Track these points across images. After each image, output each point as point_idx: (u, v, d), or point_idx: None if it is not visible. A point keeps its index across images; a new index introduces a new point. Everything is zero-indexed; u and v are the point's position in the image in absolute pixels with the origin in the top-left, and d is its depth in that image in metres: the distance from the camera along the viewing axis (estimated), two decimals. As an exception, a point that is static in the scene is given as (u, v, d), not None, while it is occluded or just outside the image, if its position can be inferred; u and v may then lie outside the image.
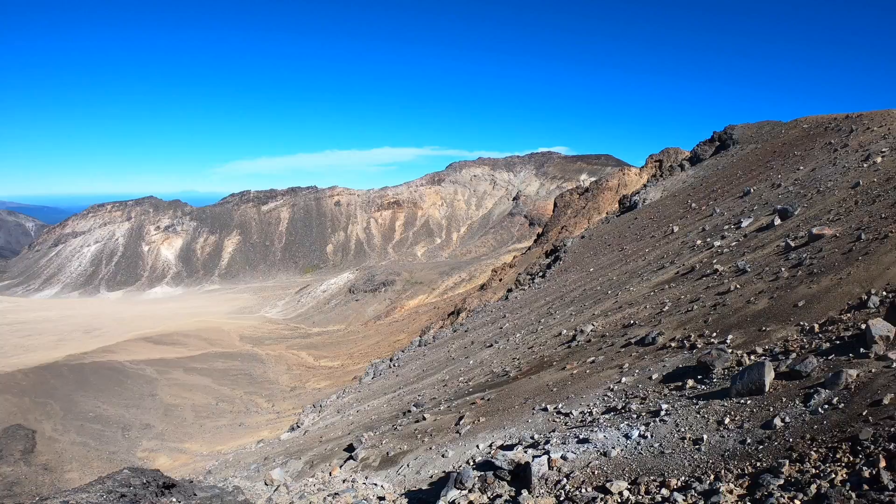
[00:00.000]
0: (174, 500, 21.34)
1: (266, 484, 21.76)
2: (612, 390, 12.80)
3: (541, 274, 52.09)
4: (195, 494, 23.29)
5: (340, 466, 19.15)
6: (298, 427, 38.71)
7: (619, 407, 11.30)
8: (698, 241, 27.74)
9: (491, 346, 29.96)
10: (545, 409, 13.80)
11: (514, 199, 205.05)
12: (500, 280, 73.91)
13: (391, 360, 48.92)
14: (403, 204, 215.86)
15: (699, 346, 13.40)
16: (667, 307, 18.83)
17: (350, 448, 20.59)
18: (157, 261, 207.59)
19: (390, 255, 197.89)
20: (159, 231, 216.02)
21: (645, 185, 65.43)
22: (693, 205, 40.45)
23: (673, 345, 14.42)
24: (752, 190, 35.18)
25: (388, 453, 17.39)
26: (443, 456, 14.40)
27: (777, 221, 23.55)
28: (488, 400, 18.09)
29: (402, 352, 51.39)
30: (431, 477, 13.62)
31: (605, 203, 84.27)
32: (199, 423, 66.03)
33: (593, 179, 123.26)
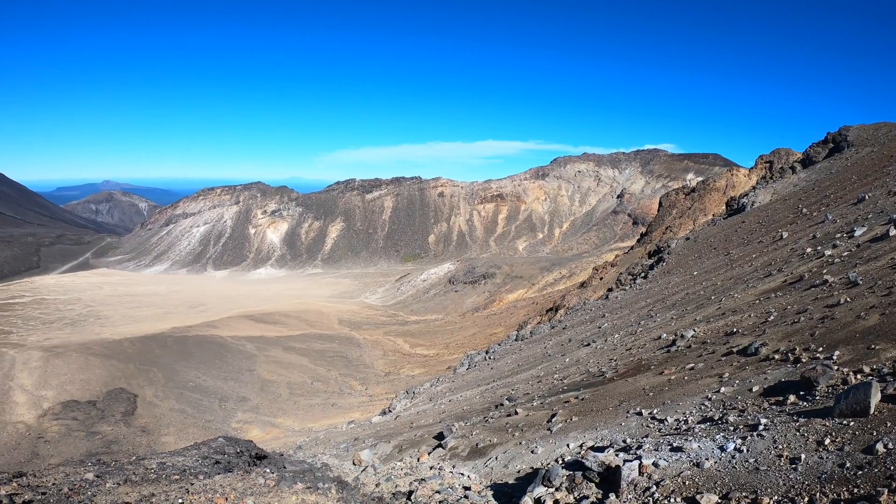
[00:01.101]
0: (267, 470, 21.80)
1: (354, 464, 22.05)
2: (709, 399, 12.47)
3: (643, 274, 51.19)
4: (285, 467, 23.76)
5: (429, 453, 19.26)
6: (390, 411, 39.12)
7: (716, 417, 11.00)
8: (808, 249, 26.70)
9: (588, 345, 29.60)
10: (639, 414, 13.56)
11: (619, 196, 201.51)
12: (601, 279, 73.00)
13: (487, 352, 48.90)
14: (507, 197, 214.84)
15: (803, 360, 12.91)
16: (772, 317, 18.22)
17: (440, 436, 20.65)
18: (262, 243, 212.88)
19: (491, 248, 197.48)
20: (266, 215, 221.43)
21: (754, 188, 63.37)
22: (804, 210, 38.96)
23: (776, 357, 13.94)
24: (866, 196, 33.57)
25: (477, 444, 17.39)
26: (532, 452, 14.33)
27: (893, 232, 22.42)
28: (582, 399, 17.89)
29: (499, 345, 51.30)
30: (518, 472, 13.56)
31: (711, 204, 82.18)
32: (293, 400, 67.58)
33: (700, 179, 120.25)
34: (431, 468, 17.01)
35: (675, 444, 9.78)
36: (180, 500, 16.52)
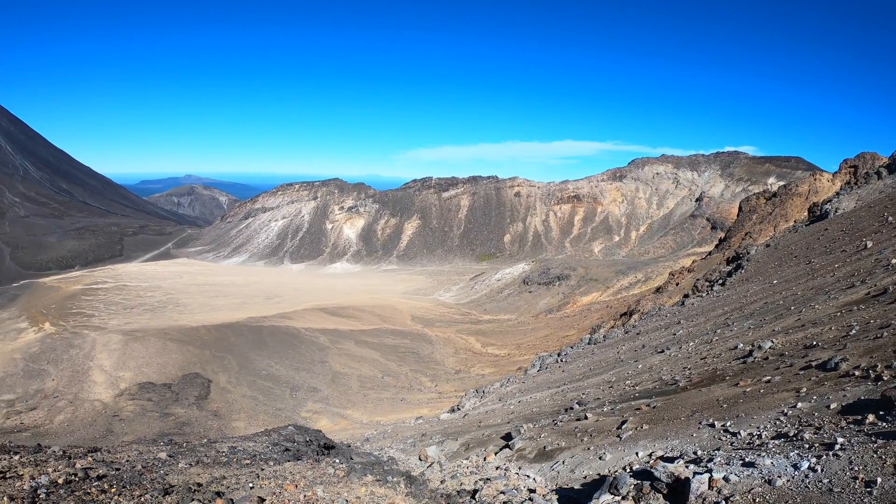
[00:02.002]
0: (336, 461, 22.06)
1: (420, 459, 22.18)
2: (785, 414, 12.15)
3: (720, 281, 50.17)
4: (352, 458, 24.01)
5: (496, 453, 19.24)
6: (459, 409, 39.17)
7: (791, 434, 10.71)
8: (893, 261, 25.79)
9: (662, 352, 29.17)
10: (712, 425, 13.29)
11: (697, 199, 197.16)
12: (677, 284, 71.84)
13: (559, 354, 48.61)
14: (583, 198, 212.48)
15: (885, 378, 12.46)
16: (854, 331, 17.66)
17: (507, 437, 20.62)
18: (339, 238, 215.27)
19: (567, 250, 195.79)
20: (343, 211, 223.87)
21: (837, 193, 61.33)
22: (890, 218, 37.54)
23: (856, 373, 13.50)
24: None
25: (544, 447, 17.30)
26: (600, 458, 14.19)
27: None
28: (654, 407, 17.63)
29: (571, 348, 50.97)
30: (585, 477, 13.44)
31: (793, 210, 79.98)
32: (363, 393, 68.26)
33: (781, 183, 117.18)
34: (497, 468, 16.99)
35: (747, 460, 9.56)
36: (251, 485, 16.85)
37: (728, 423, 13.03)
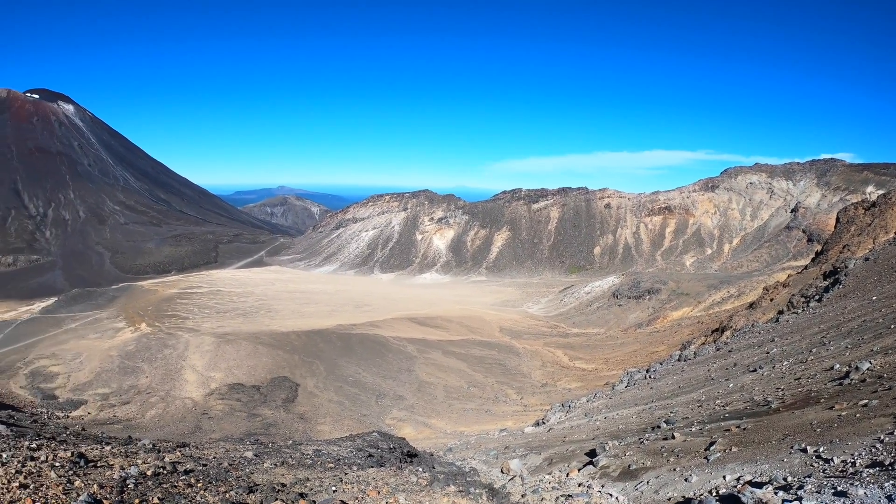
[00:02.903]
0: (420, 469, 22.07)
1: (502, 472, 22.04)
2: (881, 441, 11.60)
3: (816, 297, 48.50)
4: (433, 467, 24.01)
5: (579, 470, 18.98)
6: (543, 423, 38.84)
7: (887, 462, 10.21)
8: None
9: (754, 370, 28.35)
10: (804, 450, 12.80)
11: (792, 210, 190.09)
12: (771, 300, 69.74)
13: (647, 370, 47.77)
14: (674, 210, 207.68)
15: None
16: (960, 355, 16.83)
17: (591, 453, 20.32)
18: (428, 249, 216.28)
19: (658, 263, 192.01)
20: (433, 222, 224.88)
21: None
22: None
23: (962, 400, 12.84)
24: None
25: (629, 466, 16.98)
26: (686, 480, 13.83)
27: None
28: (744, 429, 17.11)
29: (660, 364, 50.02)
30: (669, 499, 13.12)
31: (893, 221, 76.51)
32: (448, 403, 68.32)
33: (881, 192, 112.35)
34: (580, 485, 16.75)
35: (839, 488, 9.15)
36: (334, 488, 17.01)
37: (821, 449, 12.53)
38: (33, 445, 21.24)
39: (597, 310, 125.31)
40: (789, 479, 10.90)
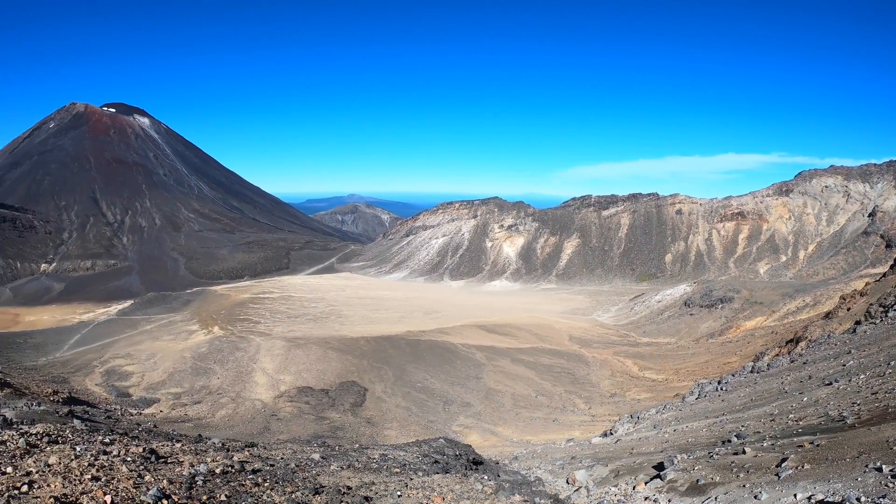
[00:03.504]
0: (485, 477, 22.03)
1: (568, 482, 21.90)
2: (962, 462, 11.17)
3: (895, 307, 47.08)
4: (499, 476, 23.97)
5: (646, 483, 18.72)
6: (611, 434, 38.45)
7: (969, 484, 9.82)
8: None
9: (829, 384, 27.57)
10: (879, 469, 12.38)
11: (870, 215, 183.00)
12: (848, 309, 67.79)
13: (719, 382, 46.90)
14: (747, 215, 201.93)
15: None
16: None
17: (659, 466, 20.03)
18: (498, 256, 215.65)
19: (730, 270, 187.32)
20: (502, 229, 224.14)
21: None
22: None
23: None
24: None
25: (697, 480, 16.67)
26: (755, 497, 13.51)
27: None
28: (817, 446, 16.65)
29: (732, 376, 49.06)
30: (738, 517, 12.84)
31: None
32: (515, 411, 68.07)
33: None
34: (646, 499, 16.54)
35: (916, 510, 8.82)
36: (398, 493, 17.09)
37: (898, 469, 12.11)
38: (106, 440, 21.84)
39: (668, 319, 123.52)
40: (863, 499, 10.56)
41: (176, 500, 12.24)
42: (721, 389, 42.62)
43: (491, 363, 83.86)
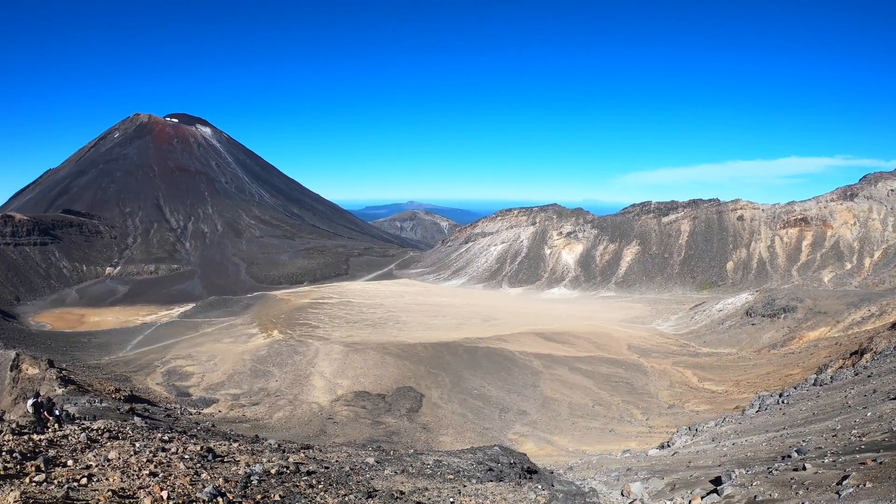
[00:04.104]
0: (539, 486, 21.92)
1: (622, 494, 21.71)
2: None
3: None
4: (553, 486, 23.84)
5: (702, 498, 18.47)
6: (668, 446, 37.99)
7: None
8: None
9: (895, 398, 26.90)
10: (944, 489, 12.03)
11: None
12: (917, 321, 65.99)
13: (780, 395, 46.05)
14: (811, 221, 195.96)
15: None
16: None
17: (717, 481, 19.73)
18: (557, 264, 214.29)
19: (794, 279, 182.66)
20: (561, 236, 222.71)
21: None
22: None
23: None
24: None
25: (755, 497, 16.37)
26: (814, 515, 13.22)
27: None
28: (880, 463, 16.20)
29: (794, 388, 48.14)
30: (796, 536, 12.56)
31: None
32: (571, 421, 67.65)
33: None
34: (702, 514, 16.27)
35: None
36: (451, 500, 17.16)
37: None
38: (165, 437, 22.37)
39: (728, 328, 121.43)
40: (926, 520, 10.26)
41: (231, 498, 12.48)
42: (782, 402, 41.83)
43: (548, 371, 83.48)
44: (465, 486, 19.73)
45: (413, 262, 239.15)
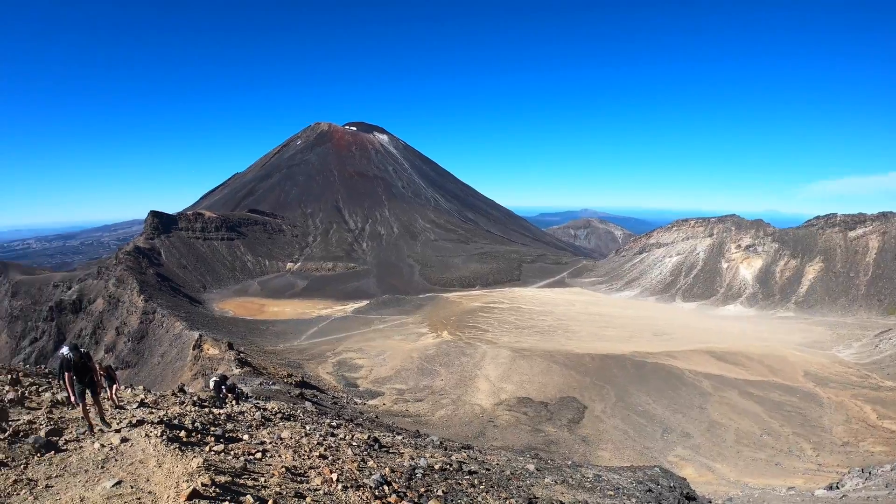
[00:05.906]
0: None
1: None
2: None
3: None
4: (711, 515, 23.84)
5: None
6: (837, 488, 36.58)
7: None
8: None
9: None
10: None
11: None
12: None
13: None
14: None
15: None
16: None
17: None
18: (734, 279, 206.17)
19: None
20: (739, 250, 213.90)
21: None
22: None
23: None
24: None
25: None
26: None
27: None
28: None
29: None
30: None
31: None
32: (736, 449, 65.59)
33: None
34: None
35: None
36: (612, 516, 17.77)
37: None
38: (334, 423, 24.20)
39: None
40: None
41: (396, 487, 13.73)
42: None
43: (717, 393, 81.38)
44: (625, 504, 20.20)
45: (586, 271, 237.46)
